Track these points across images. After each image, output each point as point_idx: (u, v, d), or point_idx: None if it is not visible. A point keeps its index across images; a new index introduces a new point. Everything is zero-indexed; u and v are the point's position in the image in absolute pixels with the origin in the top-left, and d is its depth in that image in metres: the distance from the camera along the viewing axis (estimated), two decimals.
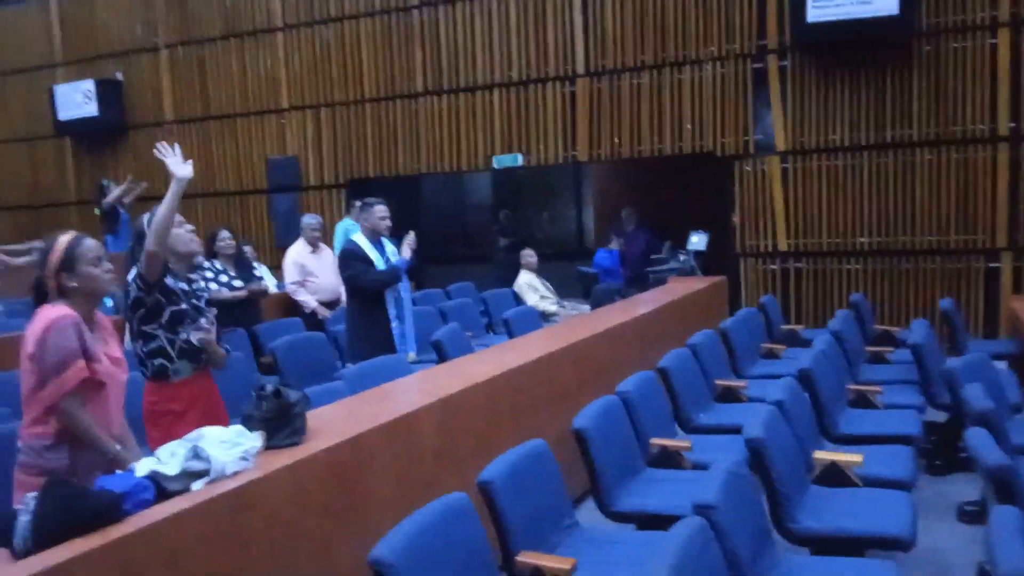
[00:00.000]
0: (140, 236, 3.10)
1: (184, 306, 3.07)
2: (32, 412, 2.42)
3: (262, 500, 2.36)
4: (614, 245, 8.69)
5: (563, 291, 8.03)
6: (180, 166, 2.96)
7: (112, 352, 2.56)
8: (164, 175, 9.63)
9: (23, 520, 2.00)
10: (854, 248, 7.34)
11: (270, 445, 2.57)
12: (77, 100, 10.54)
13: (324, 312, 6.15)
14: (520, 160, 8.83)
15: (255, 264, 6.30)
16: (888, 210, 7.20)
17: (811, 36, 7.12)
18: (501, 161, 8.91)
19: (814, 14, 6.97)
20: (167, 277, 3.03)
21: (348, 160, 9.68)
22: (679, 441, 3.80)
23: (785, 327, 6.61)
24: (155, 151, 3.10)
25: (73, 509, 2.02)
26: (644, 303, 5.96)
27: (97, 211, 9.94)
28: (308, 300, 6.07)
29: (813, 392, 3.99)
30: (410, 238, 4.82)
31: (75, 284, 2.48)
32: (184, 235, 3.18)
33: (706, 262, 7.72)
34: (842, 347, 4.98)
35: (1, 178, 11.51)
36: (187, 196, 10.17)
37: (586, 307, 7.33)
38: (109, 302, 5.33)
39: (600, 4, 8.16)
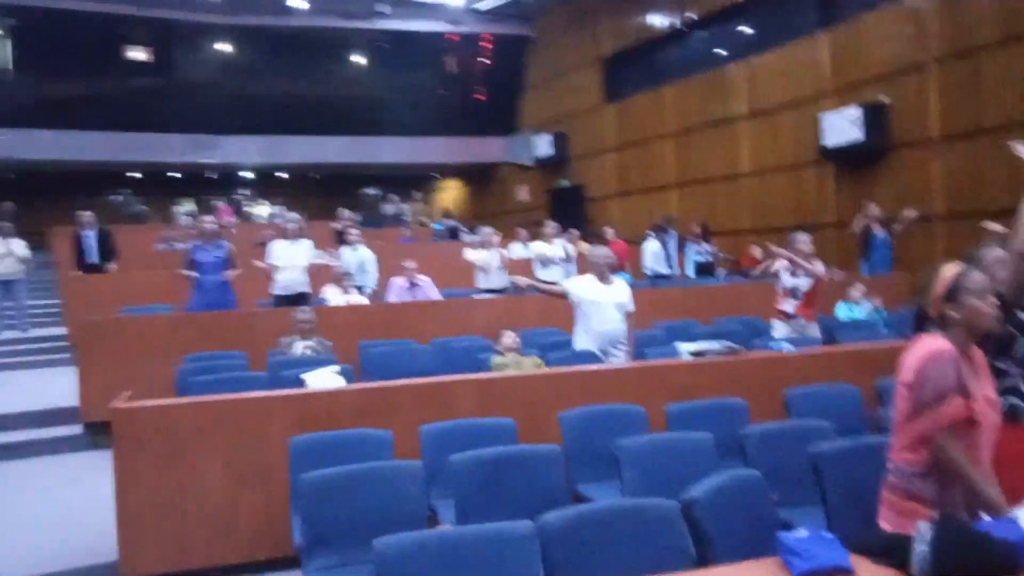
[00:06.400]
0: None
1: None
2: (904, 438, 2.47)
3: None
4: None
5: None
6: None
7: (986, 391, 2.47)
8: (923, 194, 9.22)
9: (920, 549, 2.06)
10: None
11: None
12: (842, 126, 11.06)
13: None
14: None
15: None
16: None
17: None
18: None
19: None
20: (1021, 312, 2.79)
21: None
22: None
23: None
24: (1011, 147, 2.96)
25: (973, 551, 2.00)
26: None
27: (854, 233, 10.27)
28: None
29: None
30: None
31: (957, 315, 2.44)
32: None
33: None
34: None
35: (770, 201, 12.91)
36: (947, 218, 9.47)
37: None
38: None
39: None
